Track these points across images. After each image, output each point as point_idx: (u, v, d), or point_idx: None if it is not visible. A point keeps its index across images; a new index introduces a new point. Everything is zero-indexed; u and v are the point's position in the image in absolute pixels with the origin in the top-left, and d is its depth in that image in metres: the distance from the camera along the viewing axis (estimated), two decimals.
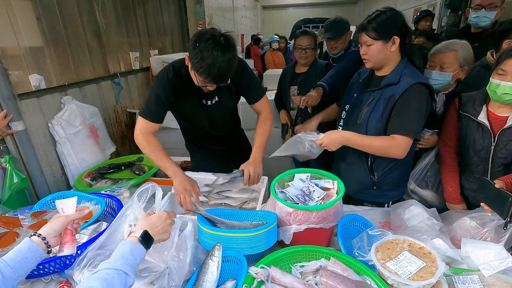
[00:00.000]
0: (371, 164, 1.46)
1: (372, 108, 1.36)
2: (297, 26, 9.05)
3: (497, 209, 1.08)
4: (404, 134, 1.26)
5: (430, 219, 1.18)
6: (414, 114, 1.27)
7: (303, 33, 2.21)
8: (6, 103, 1.74)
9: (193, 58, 1.20)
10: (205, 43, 1.17)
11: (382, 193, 1.51)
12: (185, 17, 4.49)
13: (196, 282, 0.92)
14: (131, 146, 3.22)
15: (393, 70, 1.35)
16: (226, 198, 1.48)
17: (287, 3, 14.82)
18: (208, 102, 1.50)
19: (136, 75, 3.28)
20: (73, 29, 2.39)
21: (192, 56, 1.21)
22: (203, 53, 1.16)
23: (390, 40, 1.29)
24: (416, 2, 6.72)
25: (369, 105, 1.38)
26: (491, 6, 2.00)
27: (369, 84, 1.45)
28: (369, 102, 1.39)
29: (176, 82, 1.39)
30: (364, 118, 1.39)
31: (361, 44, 1.36)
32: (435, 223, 1.17)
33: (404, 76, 1.31)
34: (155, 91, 1.39)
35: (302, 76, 2.26)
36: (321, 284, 0.88)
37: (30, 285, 1.02)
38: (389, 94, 1.32)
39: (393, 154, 1.29)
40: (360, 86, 1.48)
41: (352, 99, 1.50)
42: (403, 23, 1.32)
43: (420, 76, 1.33)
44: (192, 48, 1.20)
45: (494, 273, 0.92)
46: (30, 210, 1.31)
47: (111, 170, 1.93)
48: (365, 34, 1.31)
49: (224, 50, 1.17)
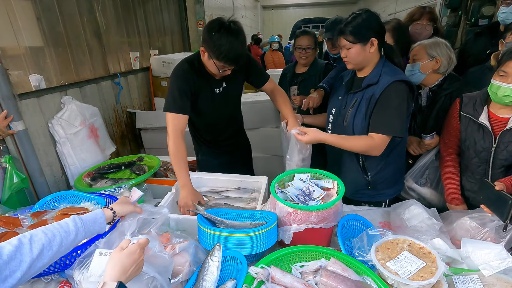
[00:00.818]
0: (363, 164, 1.47)
1: (356, 109, 1.39)
2: (297, 26, 9.05)
3: (497, 211, 1.08)
4: (382, 133, 1.30)
5: (430, 219, 1.18)
6: (393, 112, 1.29)
7: (303, 33, 2.21)
8: (6, 103, 1.74)
9: (211, 47, 1.34)
10: (218, 32, 1.32)
11: (378, 192, 1.51)
12: (185, 17, 4.49)
13: (196, 282, 0.92)
14: (131, 146, 3.22)
15: (372, 70, 1.38)
16: (226, 198, 1.48)
17: (287, 3, 14.83)
18: (216, 90, 1.60)
19: (136, 75, 3.28)
20: (73, 29, 2.39)
21: (209, 47, 1.35)
22: (220, 41, 1.31)
23: (368, 42, 1.32)
24: (416, 2, 6.72)
25: (352, 106, 1.40)
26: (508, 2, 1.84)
27: (352, 86, 1.47)
28: (352, 103, 1.41)
29: (192, 72, 1.50)
30: (349, 120, 1.41)
31: (341, 48, 1.40)
32: (435, 223, 1.17)
33: (383, 75, 1.33)
34: (176, 85, 1.47)
35: (302, 76, 2.26)
36: (321, 284, 0.88)
37: (30, 285, 1.02)
38: (370, 94, 1.34)
39: (373, 153, 1.34)
40: (344, 89, 1.50)
41: (337, 102, 1.53)
42: (379, 24, 1.35)
43: (399, 73, 1.35)
44: (208, 39, 1.34)
45: (494, 273, 0.92)
46: (30, 210, 1.31)
47: (111, 170, 1.93)
48: (343, 38, 1.34)
49: (236, 34, 1.34)
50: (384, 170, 1.46)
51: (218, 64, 1.38)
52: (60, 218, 1.18)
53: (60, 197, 1.37)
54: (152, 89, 3.47)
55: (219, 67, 1.39)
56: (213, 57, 1.36)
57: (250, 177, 1.56)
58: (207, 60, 1.41)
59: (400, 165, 1.55)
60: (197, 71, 1.51)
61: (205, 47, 1.38)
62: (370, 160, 1.45)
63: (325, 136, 1.35)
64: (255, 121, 2.82)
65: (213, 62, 1.38)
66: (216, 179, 1.60)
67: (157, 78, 3.38)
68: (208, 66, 1.45)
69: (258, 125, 2.93)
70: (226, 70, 1.43)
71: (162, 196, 1.40)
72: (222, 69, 1.41)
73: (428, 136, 1.56)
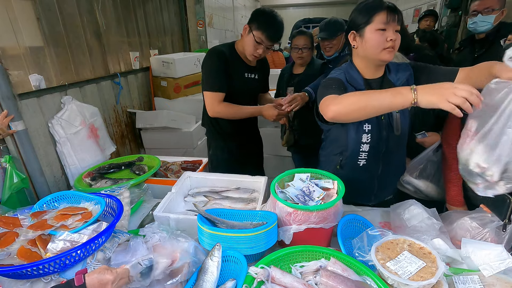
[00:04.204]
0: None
1: (402, 112, 1.31)
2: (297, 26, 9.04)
3: (496, 210, 1.08)
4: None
5: (430, 218, 1.18)
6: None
7: (299, 33, 2.22)
8: (6, 103, 1.74)
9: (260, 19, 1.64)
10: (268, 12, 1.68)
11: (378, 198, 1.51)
12: (185, 17, 4.49)
13: (196, 282, 0.92)
14: (131, 146, 3.22)
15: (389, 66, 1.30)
16: (226, 198, 1.48)
17: (287, 3, 14.82)
18: (247, 74, 1.81)
19: (136, 75, 3.28)
20: (73, 29, 2.39)
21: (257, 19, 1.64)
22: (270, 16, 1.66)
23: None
24: (416, 2, 6.72)
25: (398, 112, 1.30)
26: (488, 10, 1.96)
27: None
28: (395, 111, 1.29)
29: (226, 54, 1.71)
30: (401, 125, 1.30)
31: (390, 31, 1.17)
32: (435, 222, 1.17)
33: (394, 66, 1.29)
34: (212, 66, 1.69)
35: (298, 77, 2.26)
36: (321, 284, 0.88)
37: (30, 285, 1.02)
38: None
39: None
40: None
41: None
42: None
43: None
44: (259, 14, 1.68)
45: (494, 273, 0.92)
46: (30, 210, 1.31)
47: (111, 170, 1.92)
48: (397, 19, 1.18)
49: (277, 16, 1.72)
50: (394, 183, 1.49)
51: (261, 36, 1.61)
52: (60, 218, 1.18)
53: (60, 197, 1.37)
54: (152, 89, 3.47)
55: (260, 39, 1.61)
56: (261, 28, 1.61)
57: (250, 177, 1.56)
58: (247, 36, 1.65)
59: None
60: (230, 55, 1.71)
61: (252, 21, 1.64)
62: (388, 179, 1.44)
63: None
64: None
65: (253, 36, 1.62)
66: (216, 179, 1.60)
67: (157, 78, 3.38)
68: (246, 42, 1.67)
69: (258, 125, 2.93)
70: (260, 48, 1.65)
71: (162, 196, 1.40)
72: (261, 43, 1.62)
73: (419, 134, 1.56)
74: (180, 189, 1.49)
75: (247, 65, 1.80)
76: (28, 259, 0.99)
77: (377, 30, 1.15)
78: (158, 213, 1.26)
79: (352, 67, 1.30)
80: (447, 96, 0.87)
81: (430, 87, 0.93)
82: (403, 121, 1.30)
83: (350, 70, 1.30)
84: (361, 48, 1.22)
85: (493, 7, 1.95)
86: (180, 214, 1.27)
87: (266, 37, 1.62)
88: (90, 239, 1.02)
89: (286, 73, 2.36)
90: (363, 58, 1.26)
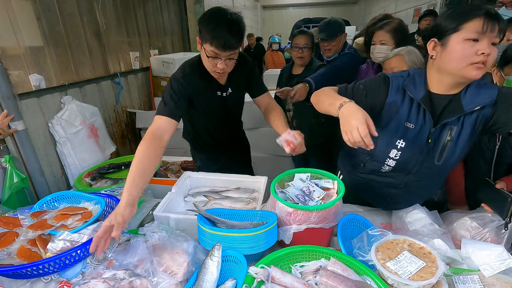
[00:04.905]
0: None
1: (456, 141, 1.06)
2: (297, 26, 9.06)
3: (497, 209, 1.09)
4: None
5: (433, 224, 1.17)
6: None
7: (300, 32, 2.21)
8: (6, 103, 1.74)
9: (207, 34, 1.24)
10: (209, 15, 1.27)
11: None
12: (185, 17, 4.49)
13: (196, 282, 0.92)
14: (131, 146, 3.22)
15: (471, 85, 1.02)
16: (226, 198, 1.48)
17: (287, 3, 14.84)
18: (223, 93, 1.55)
19: (136, 75, 3.29)
20: (73, 29, 2.39)
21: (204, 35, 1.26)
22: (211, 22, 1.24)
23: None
24: (416, 2, 6.72)
25: (451, 139, 1.06)
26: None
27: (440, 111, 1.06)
28: (448, 135, 1.05)
29: (193, 74, 1.44)
30: (447, 155, 1.08)
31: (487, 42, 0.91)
32: (438, 229, 1.16)
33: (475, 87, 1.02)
34: (170, 89, 1.39)
35: (297, 77, 2.25)
36: (321, 284, 0.88)
37: (30, 285, 1.02)
38: (476, 116, 1.02)
39: None
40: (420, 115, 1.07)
41: (408, 133, 1.09)
42: None
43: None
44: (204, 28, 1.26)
45: (494, 273, 0.92)
46: (30, 210, 1.31)
47: (111, 170, 1.92)
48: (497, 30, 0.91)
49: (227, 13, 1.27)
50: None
51: (211, 48, 1.25)
52: (60, 218, 1.18)
53: (60, 197, 1.37)
54: (152, 89, 3.47)
55: (213, 52, 1.26)
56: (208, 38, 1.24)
57: (250, 177, 1.56)
58: (201, 51, 1.33)
59: None
60: (200, 73, 1.44)
61: (200, 31, 1.28)
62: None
63: None
64: (255, 121, 2.82)
65: (204, 51, 1.28)
66: (216, 179, 1.60)
67: (157, 78, 3.39)
68: (203, 59, 1.36)
69: (258, 125, 2.93)
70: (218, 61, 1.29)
71: (162, 196, 1.40)
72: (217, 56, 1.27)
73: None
74: (180, 189, 1.49)
75: (218, 83, 1.50)
76: (28, 259, 0.99)
77: (467, 40, 0.92)
78: (158, 213, 1.26)
79: (422, 75, 1.09)
80: (347, 129, 0.92)
81: (350, 111, 0.95)
82: (452, 150, 1.07)
83: (417, 77, 1.09)
84: (440, 60, 0.99)
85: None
86: (180, 214, 1.27)
87: (217, 46, 1.24)
88: (90, 239, 1.02)
89: (285, 73, 2.36)
90: (441, 71, 1.02)
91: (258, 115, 1.84)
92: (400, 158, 1.14)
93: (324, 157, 2.40)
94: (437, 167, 1.11)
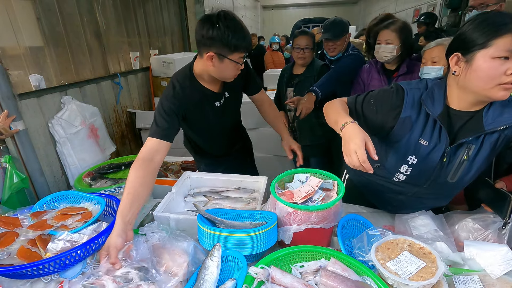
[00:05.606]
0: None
1: (472, 160, 1.00)
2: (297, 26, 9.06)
3: (497, 209, 1.09)
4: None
5: (437, 231, 1.15)
6: None
7: (301, 33, 2.21)
8: (6, 103, 1.74)
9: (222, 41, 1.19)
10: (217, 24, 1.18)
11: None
12: (185, 17, 4.49)
13: (196, 282, 0.92)
14: (131, 146, 3.22)
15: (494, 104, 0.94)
16: (226, 198, 1.48)
17: (287, 3, 14.84)
18: (217, 103, 1.49)
19: (136, 75, 3.29)
20: (73, 29, 2.39)
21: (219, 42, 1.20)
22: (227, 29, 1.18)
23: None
24: (416, 2, 6.72)
25: (467, 159, 0.99)
26: (482, 5, 1.89)
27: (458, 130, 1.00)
28: (465, 153, 0.99)
29: (183, 91, 1.36)
30: (461, 175, 1.03)
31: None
32: (442, 235, 1.14)
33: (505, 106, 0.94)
34: (161, 109, 1.32)
35: (298, 77, 2.25)
36: (321, 284, 0.88)
37: (30, 285, 1.02)
38: (497, 136, 0.96)
39: None
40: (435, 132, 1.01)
41: (421, 150, 1.03)
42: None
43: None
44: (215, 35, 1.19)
45: (502, 274, 0.91)
46: (30, 210, 1.31)
47: (111, 170, 1.92)
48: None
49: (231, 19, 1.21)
50: None
51: (240, 54, 1.25)
52: (60, 218, 1.18)
53: (60, 197, 1.37)
54: (152, 89, 3.47)
55: (240, 58, 1.26)
56: (236, 49, 1.22)
57: (250, 177, 1.56)
58: (220, 64, 1.26)
59: None
60: (191, 87, 1.38)
61: (218, 46, 1.21)
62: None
63: None
64: (255, 121, 2.82)
65: (230, 61, 1.25)
66: (216, 179, 1.60)
67: (157, 78, 3.39)
68: (223, 69, 1.29)
69: (258, 125, 2.93)
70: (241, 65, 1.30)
71: (162, 196, 1.40)
72: (240, 62, 1.28)
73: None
74: (180, 189, 1.49)
75: (213, 92, 1.46)
76: (28, 259, 0.99)
77: (495, 58, 0.83)
78: (158, 213, 1.26)
79: (441, 89, 1.01)
80: (347, 152, 0.92)
81: (350, 134, 0.92)
82: (467, 169, 1.02)
83: (436, 90, 1.01)
84: (464, 78, 0.90)
85: (487, 2, 1.89)
86: (180, 214, 1.27)
87: (244, 51, 1.28)
88: (90, 239, 1.02)
89: (286, 73, 2.36)
90: (463, 89, 0.94)
91: (258, 115, 1.84)
92: (411, 173, 1.09)
93: (324, 157, 2.40)
94: (450, 184, 1.06)
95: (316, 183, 1.16)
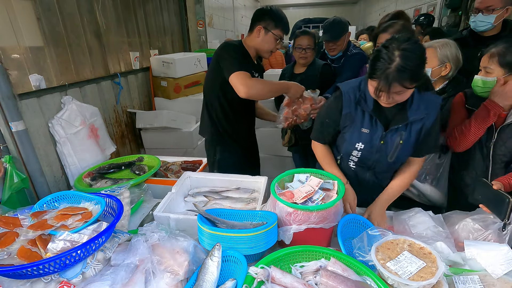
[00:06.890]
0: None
1: (405, 143, 1.25)
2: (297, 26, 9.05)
3: (495, 210, 1.08)
4: (429, 153, 1.34)
5: (436, 227, 1.17)
6: (438, 132, 1.27)
7: (303, 33, 2.21)
8: (6, 103, 1.74)
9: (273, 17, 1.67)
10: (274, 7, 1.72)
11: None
12: (185, 17, 4.49)
13: (196, 282, 0.92)
14: (131, 146, 3.22)
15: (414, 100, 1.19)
16: (226, 198, 1.48)
17: (287, 3, 14.82)
18: (255, 74, 1.76)
19: (136, 75, 3.28)
20: (73, 29, 2.39)
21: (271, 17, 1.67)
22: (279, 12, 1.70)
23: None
24: (416, 2, 6.71)
25: (402, 141, 1.24)
26: (488, 9, 1.87)
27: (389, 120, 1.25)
28: (399, 138, 1.24)
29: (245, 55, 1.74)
30: (397, 154, 1.28)
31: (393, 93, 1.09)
32: (442, 231, 1.15)
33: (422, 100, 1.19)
34: (236, 52, 1.67)
35: (299, 77, 2.26)
36: (321, 284, 0.88)
37: (30, 285, 1.02)
38: (420, 125, 1.22)
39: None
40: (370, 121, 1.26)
41: (363, 136, 1.29)
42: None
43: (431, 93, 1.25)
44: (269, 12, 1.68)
45: (503, 274, 0.91)
46: (30, 210, 1.31)
47: (111, 170, 1.92)
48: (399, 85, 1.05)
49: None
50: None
51: (280, 33, 1.69)
52: (60, 218, 1.18)
53: (60, 197, 1.37)
54: (152, 89, 3.47)
55: (280, 35, 1.69)
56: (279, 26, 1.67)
57: (250, 177, 1.56)
58: (264, 36, 1.68)
59: None
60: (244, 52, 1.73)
61: (266, 20, 1.66)
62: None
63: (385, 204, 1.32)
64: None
65: (273, 35, 1.67)
66: (216, 179, 1.60)
67: (157, 78, 3.38)
68: (265, 41, 1.70)
69: (258, 125, 2.92)
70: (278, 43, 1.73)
71: (162, 196, 1.40)
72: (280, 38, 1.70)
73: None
74: (180, 189, 1.49)
75: (254, 63, 1.82)
76: (28, 259, 0.99)
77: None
78: (158, 213, 1.26)
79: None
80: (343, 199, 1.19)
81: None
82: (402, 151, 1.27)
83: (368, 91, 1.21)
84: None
85: (494, 6, 1.88)
86: (180, 214, 1.27)
87: (284, 32, 1.73)
88: (90, 239, 1.02)
89: (287, 73, 2.36)
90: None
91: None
92: (360, 157, 1.34)
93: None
94: (390, 163, 1.32)
95: (316, 183, 1.16)
